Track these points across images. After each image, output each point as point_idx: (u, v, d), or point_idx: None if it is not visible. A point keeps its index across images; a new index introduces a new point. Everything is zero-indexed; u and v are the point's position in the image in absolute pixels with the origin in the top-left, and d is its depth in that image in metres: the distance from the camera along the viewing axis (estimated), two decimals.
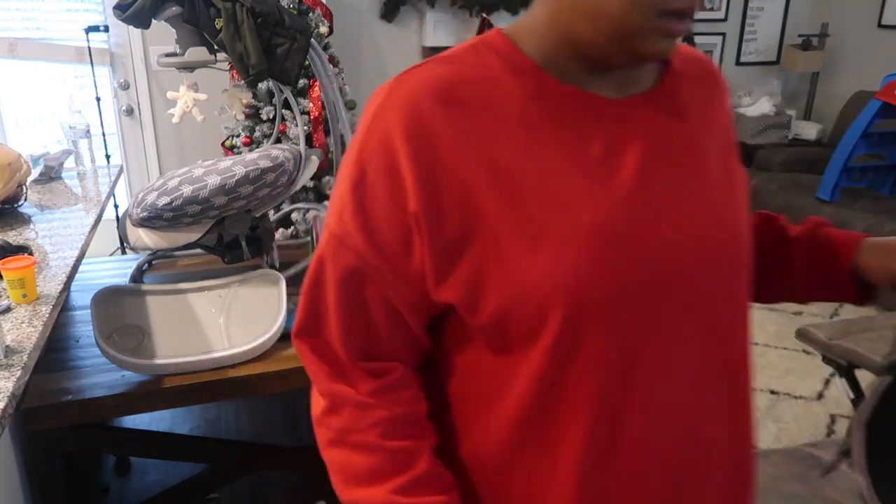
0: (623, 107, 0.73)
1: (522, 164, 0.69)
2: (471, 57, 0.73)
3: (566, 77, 0.72)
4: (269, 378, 1.85)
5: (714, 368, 0.75)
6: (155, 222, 1.92)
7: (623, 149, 0.71)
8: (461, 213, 0.68)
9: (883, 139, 3.58)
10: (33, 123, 3.63)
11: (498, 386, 0.74)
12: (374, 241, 0.72)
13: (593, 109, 0.71)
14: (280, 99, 2.61)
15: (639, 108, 0.73)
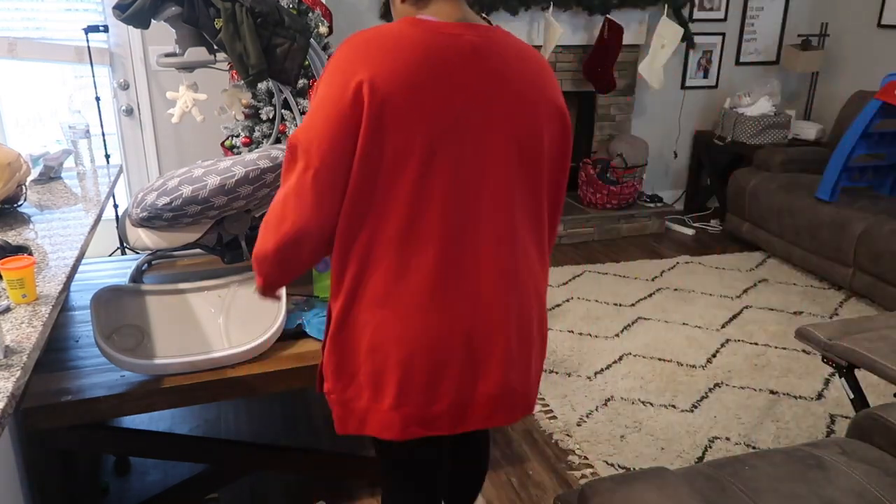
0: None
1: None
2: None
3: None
4: (269, 378, 1.85)
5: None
6: (154, 222, 1.92)
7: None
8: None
9: (883, 139, 3.58)
10: (33, 123, 3.63)
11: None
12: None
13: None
14: (280, 99, 2.61)
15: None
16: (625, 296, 3.58)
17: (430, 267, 1.19)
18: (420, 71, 1.12)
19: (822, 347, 2.06)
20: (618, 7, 4.22)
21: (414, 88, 1.12)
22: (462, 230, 1.19)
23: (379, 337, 1.22)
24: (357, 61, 1.12)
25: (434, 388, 1.23)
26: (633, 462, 2.31)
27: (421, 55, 1.13)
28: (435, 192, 1.16)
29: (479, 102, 1.17)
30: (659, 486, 1.31)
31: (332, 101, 1.13)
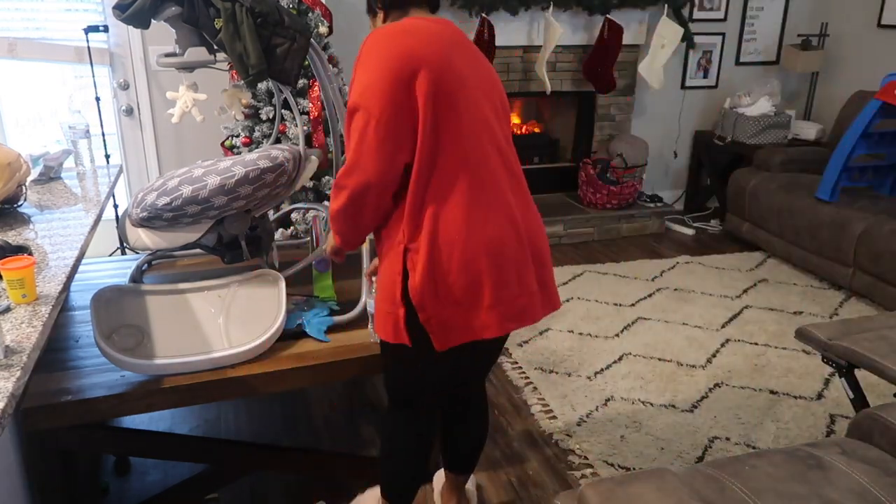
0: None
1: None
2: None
3: None
4: (269, 378, 1.85)
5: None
6: (154, 222, 1.92)
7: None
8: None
9: (883, 139, 3.58)
10: (33, 123, 3.63)
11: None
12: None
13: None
14: (280, 99, 2.61)
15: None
16: (625, 296, 3.58)
17: (487, 193, 1.49)
18: (436, 43, 1.44)
19: (822, 347, 2.06)
20: (618, 7, 4.22)
21: (437, 54, 1.43)
22: (496, 159, 1.51)
23: (469, 249, 1.46)
24: (394, 40, 1.42)
25: (523, 280, 1.52)
26: (633, 462, 2.31)
27: (432, 33, 1.46)
28: (481, 139, 1.48)
29: (474, 62, 1.53)
30: (659, 486, 1.31)
31: (387, 67, 1.39)
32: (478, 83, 1.51)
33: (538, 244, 1.58)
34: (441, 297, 1.48)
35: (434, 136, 1.43)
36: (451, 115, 1.44)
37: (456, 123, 1.44)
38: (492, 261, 1.47)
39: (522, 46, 4.28)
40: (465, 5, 3.92)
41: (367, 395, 2.69)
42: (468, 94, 1.47)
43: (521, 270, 1.52)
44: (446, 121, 1.43)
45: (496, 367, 2.88)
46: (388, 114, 1.40)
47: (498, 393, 2.72)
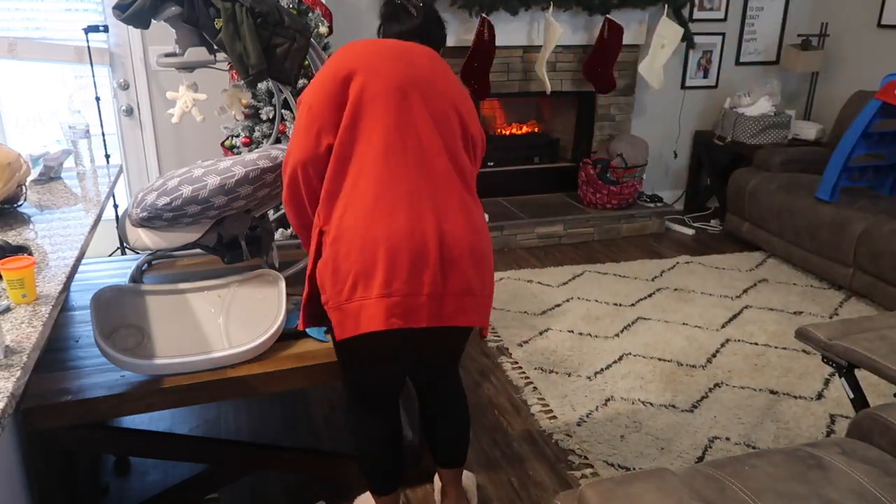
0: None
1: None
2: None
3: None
4: (269, 378, 1.85)
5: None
6: (154, 222, 1.92)
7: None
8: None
9: (883, 139, 3.58)
10: (33, 123, 3.63)
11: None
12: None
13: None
14: (280, 99, 2.61)
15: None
16: (625, 296, 3.58)
17: (407, 187, 1.55)
18: (373, 51, 1.62)
19: (822, 347, 2.06)
20: (618, 7, 4.22)
21: (371, 59, 1.60)
22: (418, 169, 1.58)
23: (369, 237, 1.51)
24: (343, 56, 1.62)
25: (416, 278, 1.51)
26: (633, 462, 2.31)
27: (374, 46, 1.64)
28: (405, 143, 1.57)
29: (412, 79, 1.61)
30: (659, 486, 1.31)
31: (328, 67, 1.60)
32: (421, 96, 1.61)
33: (456, 252, 1.55)
34: (339, 278, 1.54)
35: (353, 129, 1.57)
36: (374, 115, 1.56)
37: (378, 123, 1.56)
38: (388, 254, 1.50)
39: (522, 46, 4.28)
40: (465, 5, 3.92)
41: None
42: (401, 103, 1.58)
43: (419, 272, 1.51)
44: (370, 119, 1.56)
45: (496, 368, 2.88)
46: (319, 103, 1.57)
47: (498, 393, 2.72)
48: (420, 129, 1.59)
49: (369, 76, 1.57)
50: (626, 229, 4.52)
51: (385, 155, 1.55)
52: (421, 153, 1.59)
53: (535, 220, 4.28)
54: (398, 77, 1.59)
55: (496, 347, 3.05)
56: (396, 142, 1.57)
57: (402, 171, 1.56)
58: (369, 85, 1.57)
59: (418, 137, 1.59)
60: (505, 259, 4.11)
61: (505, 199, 4.62)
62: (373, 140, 1.56)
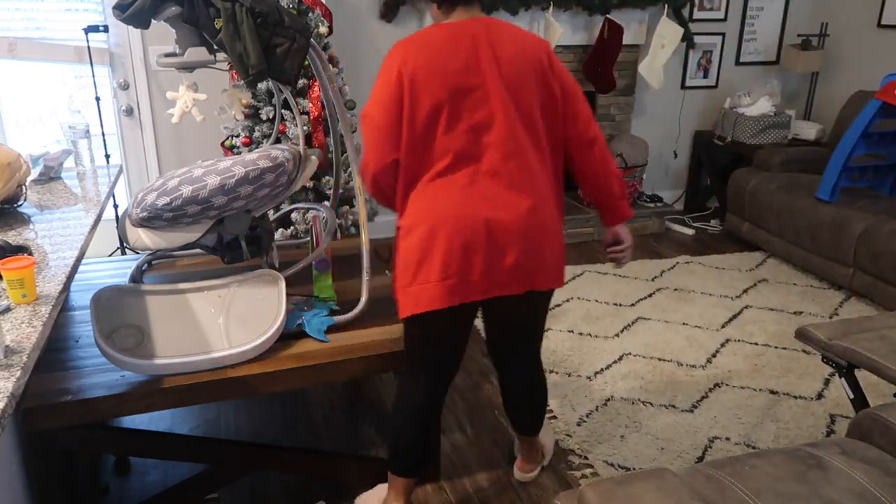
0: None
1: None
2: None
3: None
4: (269, 378, 1.85)
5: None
6: (154, 222, 1.92)
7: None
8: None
9: (883, 139, 3.58)
10: (33, 123, 3.63)
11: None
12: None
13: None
14: (280, 99, 2.61)
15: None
16: (625, 296, 3.58)
17: (461, 184, 1.69)
18: (436, 55, 1.66)
19: (822, 347, 2.06)
20: (618, 7, 4.22)
21: (432, 64, 1.65)
22: (481, 156, 1.69)
23: (426, 232, 1.69)
24: (398, 52, 1.69)
25: (468, 262, 1.68)
26: (633, 462, 2.31)
27: (435, 46, 1.68)
28: (457, 132, 1.68)
29: (479, 69, 1.67)
30: (659, 486, 1.31)
31: (386, 80, 1.68)
32: (481, 83, 1.67)
33: (503, 238, 1.69)
34: (403, 266, 1.73)
35: (413, 135, 1.69)
36: (429, 118, 1.67)
37: (433, 126, 1.68)
38: (445, 245, 1.67)
39: None
40: None
41: (367, 395, 2.69)
42: (463, 100, 1.67)
43: (470, 257, 1.68)
44: (426, 124, 1.68)
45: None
46: (382, 117, 1.69)
47: (498, 393, 2.71)
48: (488, 119, 1.68)
49: (423, 79, 1.65)
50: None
51: (445, 158, 1.69)
52: (484, 149, 1.69)
53: None
54: (461, 75, 1.66)
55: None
56: (460, 144, 1.68)
57: (462, 168, 1.70)
58: (423, 83, 1.64)
59: (485, 130, 1.68)
60: None
61: None
62: (432, 144, 1.69)
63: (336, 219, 3.03)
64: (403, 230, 1.74)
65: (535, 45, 1.74)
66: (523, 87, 1.70)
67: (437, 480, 2.22)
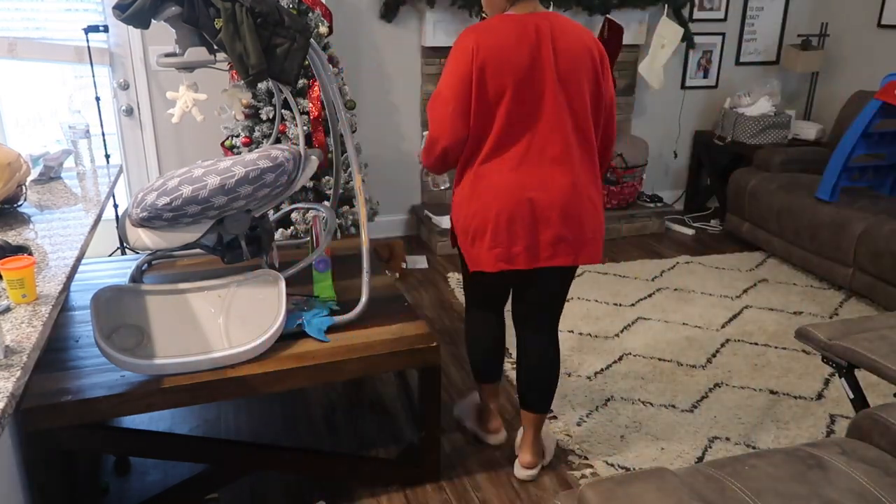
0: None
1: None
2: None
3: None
4: (269, 378, 1.85)
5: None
6: (154, 222, 1.92)
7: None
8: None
9: (883, 139, 3.58)
10: (33, 123, 3.63)
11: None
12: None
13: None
14: (279, 99, 2.61)
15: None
16: (625, 296, 3.58)
17: (511, 164, 1.90)
18: (505, 43, 1.84)
19: (822, 347, 2.06)
20: (618, 7, 4.21)
21: (501, 52, 1.83)
22: (531, 139, 1.90)
23: (480, 206, 1.93)
24: (470, 38, 1.86)
25: (513, 235, 1.92)
26: (633, 462, 2.31)
27: (504, 34, 1.85)
28: (514, 115, 1.87)
29: (540, 59, 1.86)
30: (659, 486, 1.31)
31: (458, 62, 1.85)
32: (540, 74, 1.87)
33: (546, 213, 1.92)
34: (463, 232, 2.01)
35: (480, 116, 1.88)
36: (494, 102, 1.87)
37: (502, 110, 1.87)
38: (495, 218, 1.92)
39: None
40: (465, 5, 3.91)
41: (367, 395, 2.70)
42: (519, 86, 1.86)
43: (516, 230, 1.92)
44: (497, 102, 1.87)
45: None
46: (455, 96, 1.87)
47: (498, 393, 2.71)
48: (540, 108, 1.89)
49: (491, 69, 1.83)
50: (626, 229, 4.52)
51: (498, 139, 1.90)
52: (533, 134, 1.90)
53: None
54: (522, 64, 1.84)
55: None
56: (515, 128, 1.89)
57: (511, 150, 1.91)
58: (492, 70, 1.83)
59: (536, 116, 1.89)
60: None
61: None
62: (493, 127, 1.89)
63: (336, 219, 3.03)
64: (461, 199, 1.99)
65: (591, 40, 1.97)
66: (575, 80, 1.90)
67: (437, 480, 2.22)
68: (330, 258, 2.23)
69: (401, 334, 2.06)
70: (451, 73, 1.87)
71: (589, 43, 1.95)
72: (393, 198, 4.36)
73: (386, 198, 4.32)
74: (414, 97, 4.21)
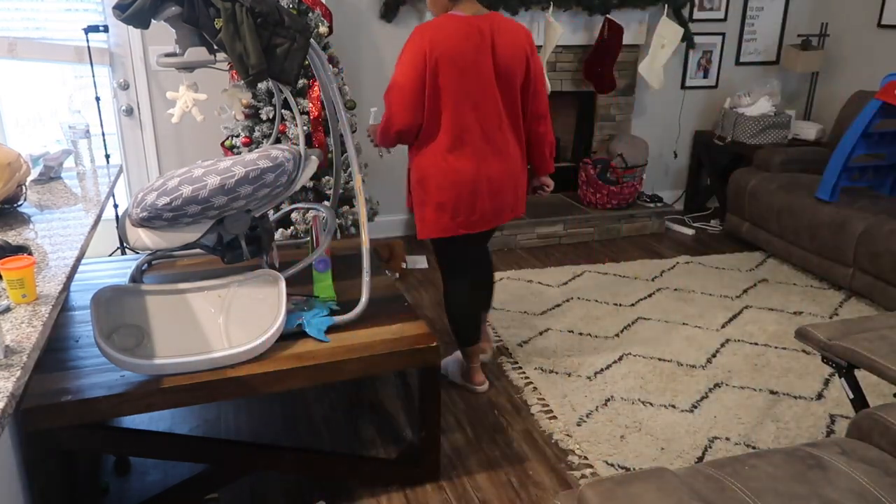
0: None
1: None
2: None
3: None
4: (269, 378, 1.85)
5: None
6: (154, 222, 1.92)
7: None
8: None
9: (883, 139, 3.58)
10: (33, 123, 3.63)
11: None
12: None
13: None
14: (280, 99, 2.61)
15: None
16: (625, 296, 3.58)
17: (468, 151, 2.28)
18: (454, 41, 2.16)
19: (822, 347, 2.06)
20: (618, 7, 4.22)
21: (451, 49, 2.16)
22: (478, 127, 2.27)
23: (443, 182, 2.31)
24: (424, 35, 2.16)
25: (472, 207, 2.34)
26: (633, 462, 2.31)
27: (453, 33, 2.17)
28: (462, 105, 2.22)
29: (483, 56, 2.20)
30: (659, 486, 1.31)
31: (414, 56, 2.15)
32: (482, 70, 2.21)
33: (496, 187, 2.35)
34: (421, 202, 2.38)
35: (431, 105, 2.22)
36: (444, 93, 2.20)
37: (450, 100, 2.21)
38: (455, 193, 2.31)
39: None
40: None
41: (367, 395, 2.70)
42: (464, 80, 2.20)
43: (474, 202, 2.33)
44: (440, 97, 2.21)
45: (496, 368, 2.89)
46: (411, 87, 2.19)
47: (498, 393, 2.72)
48: (478, 101, 2.24)
49: (441, 62, 2.15)
50: (626, 229, 4.52)
51: (450, 124, 2.24)
52: (476, 120, 2.26)
53: (536, 220, 4.28)
54: (466, 58, 2.18)
55: (496, 347, 3.05)
56: (459, 114, 2.23)
57: (463, 134, 2.26)
58: (441, 69, 2.16)
59: (477, 107, 2.24)
60: (505, 259, 4.11)
61: None
62: (443, 113, 2.23)
63: (336, 219, 3.04)
64: (420, 179, 2.34)
65: (524, 36, 2.30)
66: (511, 74, 2.27)
67: (437, 480, 2.22)
68: (330, 258, 2.23)
69: (401, 334, 2.06)
70: (408, 65, 2.15)
71: (522, 40, 2.29)
72: (393, 198, 4.36)
73: (386, 198, 4.32)
74: None
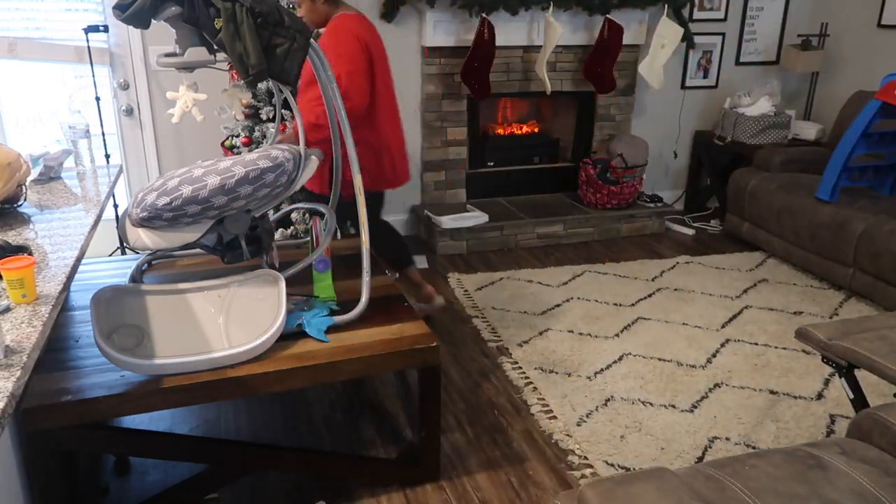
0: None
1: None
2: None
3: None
4: (269, 378, 1.85)
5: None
6: (154, 222, 1.92)
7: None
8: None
9: (883, 139, 3.58)
10: (33, 123, 3.63)
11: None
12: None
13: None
14: (280, 99, 2.60)
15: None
16: (625, 296, 3.58)
17: (391, 124, 2.85)
18: (370, 36, 2.70)
19: (822, 347, 2.06)
20: (618, 7, 4.22)
21: (371, 41, 2.69)
22: (389, 105, 2.84)
23: (375, 150, 2.78)
24: (354, 31, 2.62)
25: (394, 167, 2.88)
26: (633, 462, 2.31)
27: (367, 29, 2.70)
28: (381, 87, 2.75)
29: (380, 48, 2.77)
30: (659, 486, 1.31)
31: (357, 49, 2.60)
32: (384, 58, 2.77)
33: (404, 152, 2.95)
34: (364, 169, 2.60)
35: (370, 87, 2.68)
36: (377, 76, 2.70)
37: (380, 82, 2.73)
38: (390, 158, 2.85)
39: (522, 46, 4.28)
40: (464, 5, 3.91)
41: (367, 395, 2.70)
42: (382, 64, 2.74)
43: (396, 164, 2.88)
44: (376, 79, 2.70)
45: (496, 368, 2.89)
46: (364, 74, 2.65)
47: (498, 393, 2.72)
48: (389, 82, 2.83)
49: (372, 49, 2.65)
50: (626, 229, 4.52)
51: (381, 102, 2.75)
52: (391, 97, 2.85)
53: (535, 220, 4.29)
54: (378, 48, 2.72)
55: (496, 347, 3.05)
56: (386, 94, 2.78)
57: (389, 110, 2.83)
58: (373, 56, 2.65)
59: (390, 88, 2.82)
60: (505, 259, 4.11)
61: (505, 199, 4.62)
62: (377, 94, 2.71)
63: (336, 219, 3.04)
64: (365, 146, 2.69)
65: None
66: (387, 62, 2.82)
67: (437, 480, 2.22)
68: (330, 258, 2.23)
69: (401, 334, 2.06)
70: (356, 56, 2.59)
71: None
72: (393, 198, 4.36)
73: (386, 198, 4.32)
74: (414, 97, 4.21)
